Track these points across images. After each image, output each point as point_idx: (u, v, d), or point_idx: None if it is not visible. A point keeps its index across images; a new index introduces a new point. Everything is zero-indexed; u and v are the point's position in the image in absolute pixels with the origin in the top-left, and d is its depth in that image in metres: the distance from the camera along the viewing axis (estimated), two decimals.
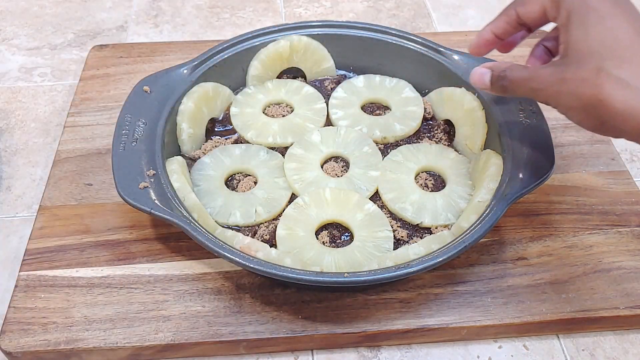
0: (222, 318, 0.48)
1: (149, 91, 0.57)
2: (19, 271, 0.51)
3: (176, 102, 0.57)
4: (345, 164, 0.57)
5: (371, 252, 0.50)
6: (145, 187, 0.49)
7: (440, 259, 0.46)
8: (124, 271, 0.51)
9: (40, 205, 0.56)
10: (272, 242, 0.51)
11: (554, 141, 0.54)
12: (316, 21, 0.64)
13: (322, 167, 0.57)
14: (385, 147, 0.59)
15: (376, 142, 0.59)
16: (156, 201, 0.49)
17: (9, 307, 0.48)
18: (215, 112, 0.61)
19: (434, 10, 0.85)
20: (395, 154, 0.57)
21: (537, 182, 0.51)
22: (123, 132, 0.53)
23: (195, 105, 0.58)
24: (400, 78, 0.64)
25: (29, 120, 0.67)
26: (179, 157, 0.55)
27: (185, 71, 0.59)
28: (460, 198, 0.54)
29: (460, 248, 0.46)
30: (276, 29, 0.63)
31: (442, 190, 0.55)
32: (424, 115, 0.61)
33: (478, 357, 0.49)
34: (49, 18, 0.81)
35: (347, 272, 0.45)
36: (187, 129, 0.57)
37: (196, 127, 0.58)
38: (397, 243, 0.52)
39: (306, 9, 0.84)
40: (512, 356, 0.49)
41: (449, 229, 0.51)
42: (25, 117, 0.67)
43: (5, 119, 0.67)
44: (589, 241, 0.54)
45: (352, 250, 0.50)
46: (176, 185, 0.51)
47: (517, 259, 0.53)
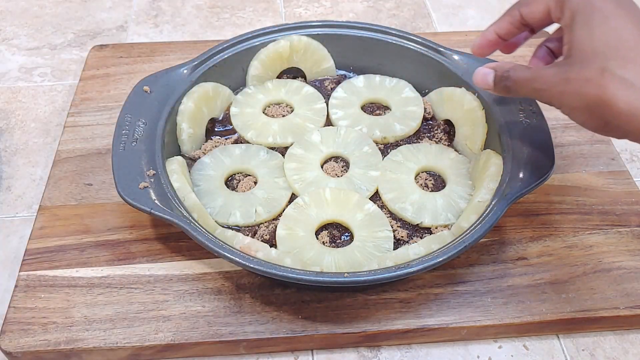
0: (222, 318, 0.48)
1: (149, 91, 0.57)
2: (19, 271, 0.51)
3: (176, 102, 0.57)
4: (345, 164, 0.57)
5: (371, 252, 0.50)
6: (145, 187, 0.49)
7: (440, 259, 0.46)
8: (124, 271, 0.51)
9: (40, 205, 0.56)
10: (272, 242, 0.51)
11: (554, 141, 0.54)
12: (316, 21, 0.64)
13: (322, 167, 0.57)
14: (385, 147, 0.59)
15: (376, 142, 0.59)
16: (156, 201, 0.49)
17: (9, 307, 0.48)
18: (215, 112, 0.61)
19: (434, 10, 0.85)
20: (395, 154, 0.57)
21: (537, 182, 0.51)
22: (123, 132, 0.53)
23: (195, 105, 0.58)
24: (400, 78, 0.64)
25: (29, 120, 0.67)
26: (179, 157, 0.55)
27: (185, 71, 0.59)
28: (460, 198, 0.54)
29: (460, 248, 0.46)
30: (276, 29, 0.63)
31: (442, 190, 0.55)
32: (424, 115, 0.61)
33: (478, 357, 0.49)
34: (49, 18, 0.81)
35: (347, 272, 0.45)
36: (187, 129, 0.57)
37: (196, 127, 0.58)
38: (397, 243, 0.52)
39: (306, 9, 0.84)
40: (512, 356, 0.49)
41: (449, 229, 0.51)
42: (25, 117, 0.67)
43: (5, 119, 0.67)
44: (589, 241, 0.54)
45: (352, 250, 0.50)
46: (176, 185, 0.51)
47: (517, 259, 0.53)
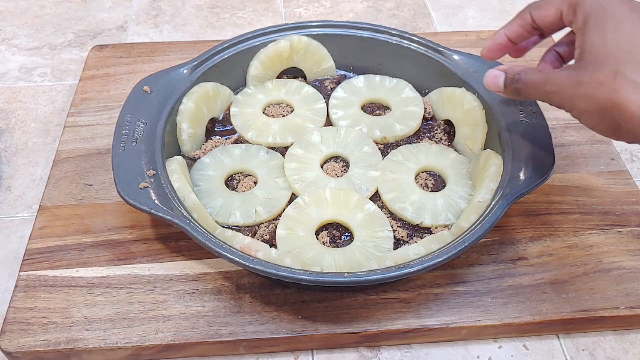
0: (222, 318, 0.48)
1: (149, 91, 0.57)
2: (19, 271, 0.51)
3: (176, 102, 0.57)
4: (345, 164, 0.57)
5: (371, 252, 0.50)
6: (145, 187, 0.49)
7: (440, 259, 0.46)
8: (124, 271, 0.51)
9: (40, 205, 0.56)
10: (272, 242, 0.51)
11: (554, 141, 0.54)
12: (316, 21, 0.64)
13: (322, 167, 0.57)
14: (385, 147, 0.59)
15: (376, 142, 0.59)
16: (156, 201, 0.49)
17: (9, 307, 0.48)
18: (215, 112, 0.61)
19: (434, 10, 0.85)
20: (395, 154, 0.57)
21: (537, 182, 0.51)
22: (123, 132, 0.53)
23: (195, 105, 0.58)
24: (400, 78, 0.64)
25: (29, 120, 0.67)
26: (179, 157, 0.55)
27: (185, 71, 0.59)
28: (460, 198, 0.54)
29: (460, 248, 0.46)
30: (276, 29, 0.63)
31: (442, 190, 0.55)
32: (424, 115, 0.61)
33: (478, 357, 0.49)
34: (49, 18, 0.81)
35: (347, 272, 0.45)
36: (187, 129, 0.57)
37: (196, 127, 0.58)
38: (397, 243, 0.52)
39: (306, 9, 0.84)
40: (512, 356, 0.49)
41: (449, 229, 0.51)
42: (25, 117, 0.67)
43: (5, 119, 0.67)
44: (589, 241, 0.54)
45: (352, 250, 0.50)
46: (176, 185, 0.51)
47: (517, 259, 0.53)
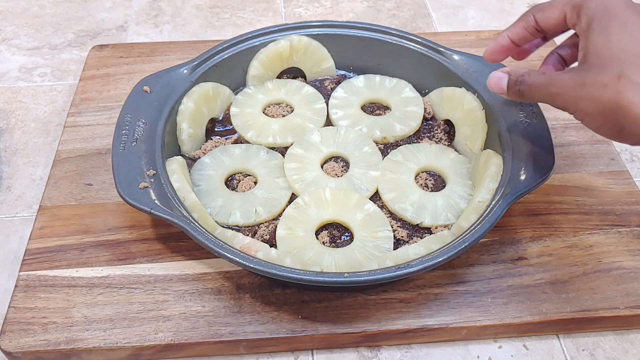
0: (222, 318, 0.48)
1: (149, 91, 0.57)
2: (19, 271, 0.51)
3: (176, 102, 0.57)
4: (345, 164, 0.57)
5: (371, 252, 0.50)
6: (145, 187, 0.49)
7: (440, 259, 0.45)
8: (124, 271, 0.51)
9: (40, 205, 0.56)
10: (272, 242, 0.51)
11: (554, 141, 0.54)
12: (316, 21, 0.64)
13: (322, 167, 0.57)
14: (385, 147, 0.59)
15: (376, 142, 0.59)
16: (156, 201, 0.49)
17: (9, 307, 0.48)
18: (215, 112, 0.61)
19: (434, 10, 0.85)
20: (395, 154, 0.57)
21: (538, 182, 0.51)
22: (123, 132, 0.53)
23: (195, 105, 0.58)
24: (400, 78, 0.64)
25: (29, 120, 0.67)
26: (179, 157, 0.55)
27: (185, 71, 0.59)
28: (460, 198, 0.54)
29: (460, 248, 0.46)
30: (276, 29, 0.63)
31: (442, 190, 0.55)
32: (424, 115, 0.61)
33: (478, 357, 0.49)
34: (49, 18, 0.81)
35: (347, 272, 0.45)
36: (187, 129, 0.57)
37: (196, 127, 0.58)
38: (397, 243, 0.52)
39: (306, 9, 0.84)
40: (512, 356, 0.49)
41: (449, 229, 0.51)
42: (25, 117, 0.67)
43: (5, 119, 0.67)
44: (589, 241, 0.54)
45: (352, 250, 0.50)
46: (176, 185, 0.51)
47: (517, 259, 0.53)
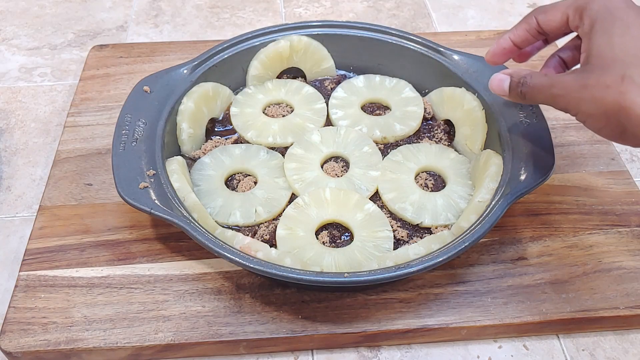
0: (222, 318, 0.48)
1: (149, 91, 0.57)
2: (19, 271, 0.51)
3: (176, 102, 0.57)
4: (345, 164, 0.57)
5: (371, 252, 0.50)
6: (145, 187, 0.49)
7: (440, 259, 0.45)
8: (124, 271, 0.51)
9: (40, 205, 0.56)
10: (272, 242, 0.51)
11: (554, 141, 0.54)
12: (316, 21, 0.64)
13: (322, 167, 0.57)
14: (385, 147, 0.59)
15: (376, 142, 0.59)
16: (156, 201, 0.49)
17: (9, 307, 0.48)
18: (215, 112, 0.61)
19: (434, 10, 0.85)
20: (395, 154, 0.57)
21: (538, 182, 0.51)
22: (123, 132, 0.53)
23: (195, 105, 0.58)
24: (400, 78, 0.64)
25: (29, 120, 0.67)
26: (179, 157, 0.55)
27: (185, 71, 0.59)
28: (460, 198, 0.54)
29: (460, 248, 0.46)
30: (276, 29, 0.63)
31: (442, 190, 0.55)
32: (424, 115, 0.61)
33: (478, 357, 0.49)
34: (49, 18, 0.81)
35: (347, 272, 0.45)
36: (187, 129, 0.57)
37: (196, 127, 0.58)
38: (397, 243, 0.52)
39: (306, 9, 0.84)
40: (512, 356, 0.49)
41: (449, 229, 0.51)
42: (25, 117, 0.67)
43: (5, 119, 0.67)
44: (589, 241, 0.54)
45: (352, 250, 0.50)
46: (176, 185, 0.51)
47: (517, 259, 0.53)
